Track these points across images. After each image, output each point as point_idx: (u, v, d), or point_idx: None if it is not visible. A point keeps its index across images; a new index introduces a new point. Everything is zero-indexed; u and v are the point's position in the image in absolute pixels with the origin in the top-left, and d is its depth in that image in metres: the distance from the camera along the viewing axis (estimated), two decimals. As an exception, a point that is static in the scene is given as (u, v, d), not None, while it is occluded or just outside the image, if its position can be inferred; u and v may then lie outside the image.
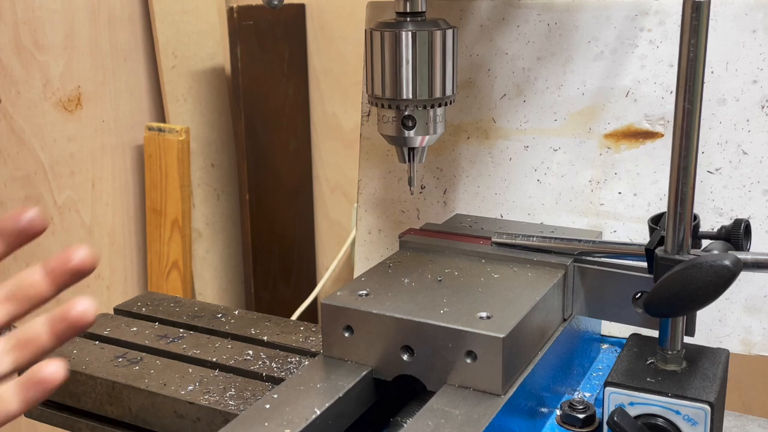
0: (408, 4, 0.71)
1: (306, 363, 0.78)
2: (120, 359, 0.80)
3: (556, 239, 0.77)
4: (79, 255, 0.52)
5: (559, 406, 0.72)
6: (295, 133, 1.79)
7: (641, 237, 0.86)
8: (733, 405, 0.73)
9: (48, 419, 0.81)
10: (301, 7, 1.73)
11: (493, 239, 0.79)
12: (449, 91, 0.72)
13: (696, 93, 0.59)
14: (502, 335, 0.61)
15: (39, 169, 1.37)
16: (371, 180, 1.02)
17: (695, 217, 0.67)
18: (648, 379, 0.64)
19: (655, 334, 0.68)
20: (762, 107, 0.81)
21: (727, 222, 0.68)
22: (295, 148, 1.79)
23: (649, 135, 0.86)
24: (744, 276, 0.60)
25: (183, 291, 1.63)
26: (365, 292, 0.70)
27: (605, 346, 0.87)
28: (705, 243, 0.68)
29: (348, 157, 1.75)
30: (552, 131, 0.90)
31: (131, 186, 1.60)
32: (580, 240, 0.76)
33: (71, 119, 1.42)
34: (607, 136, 0.88)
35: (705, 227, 0.70)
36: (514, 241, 0.78)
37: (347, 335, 0.68)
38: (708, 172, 0.84)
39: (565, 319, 0.75)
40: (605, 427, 0.63)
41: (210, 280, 1.76)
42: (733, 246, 0.66)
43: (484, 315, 0.65)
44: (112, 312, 0.93)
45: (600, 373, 0.81)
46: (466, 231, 0.85)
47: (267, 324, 0.89)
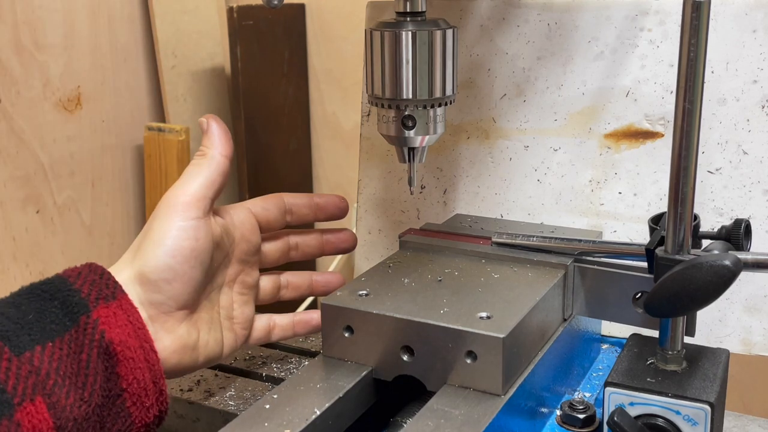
0: (408, 3, 0.71)
1: (306, 363, 0.78)
2: (120, 359, 0.80)
3: (556, 239, 0.77)
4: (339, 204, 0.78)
5: (559, 406, 0.72)
6: (295, 133, 1.79)
7: (641, 237, 0.86)
8: (733, 405, 0.73)
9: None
10: (301, 7, 1.73)
11: (493, 239, 0.79)
12: (449, 91, 0.72)
13: (696, 93, 0.59)
14: (502, 335, 0.61)
15: (39, 169, 1.37)
16: (371, 180, 1.02)
17: (695, 217, 0.66)
18: (648, 379, 0.64)
19: (655, 334, 0.68)
20: (762, 107, 0.81)
21: (728, 222, 0.68)
22: (295, 148, 1.79)
23: (650, 135, 0.86)
24: (744, 276, 0.60)
25: (183, 291, 1.63)
26: (365, 292, 0.70)
27: (605, 346, 0.87)
28: (705, 243, 0.68)
29: (348, 157, 1.75)
30: (552, 131, 0.90)
31: (131, 186, 1.60)
32: (580, 240, 0.76)
33: (71, 119, 1.42)
34: (608, 136, 0.88)
35: (705, 227, 0.70)
36: (514, 241, 0.78)
37: (347, 335, 0.68)
38: (708, 172, 0.84)
39: (565, 319, 0.75)
40: (605, 428, 0.63)
41: (210, 280, 1.76)
42: (734, 246, 0.66)
43: (484, 315, 0.65)
44: (112, 312, 0.92)
45: (600, 373, 0.81)
46: (466, 231, 0.85)
47: (267, 324, 0.89)
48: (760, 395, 1.37)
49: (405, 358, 0.66)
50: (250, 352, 0.82)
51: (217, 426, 0.65)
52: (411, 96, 0.71)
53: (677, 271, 0.59)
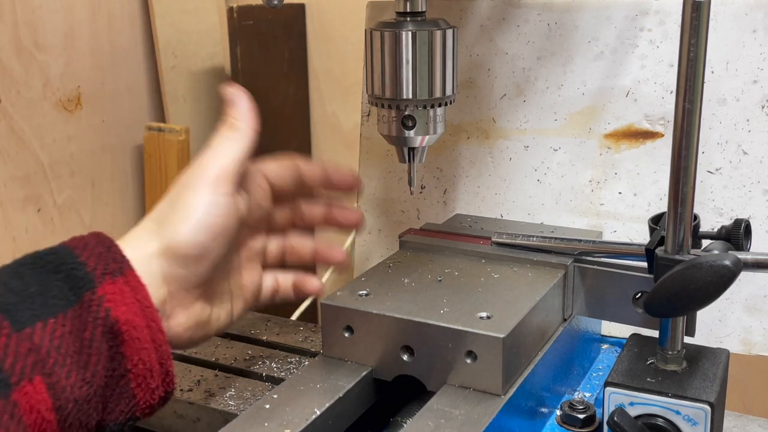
0: (408, 3, 0.71)
1: (306, 363, 0.78)
2: (120, 359, 0.80)
3: (556, 239, 0.77)
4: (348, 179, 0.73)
5: (559, 406, 0.72)
6: (295, 133, 1.79)
7: (641, 237, 0.86)
8: (733, 405, 0.73)
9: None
10: (301, 7, 1.73)
11: (493, 239, 0.79)
12: (449, 91, 0.72)
13: (696, 93, 0.59)
14: (502, 335, 0.61)
15: (39, 169, 1.36)
16: (371, 180, 1.02)
17: (695, 217, 0.66)
18: (648, 379, 0.64)
19: (655, 334, 0.68)
20: (762, 107, 0.81)
21: (727, 222, 0.68)
22: (295, 148, 1.79)
23: (649, 135, 0.86)
24: (744, 276, 0.60)
25: (183, 291, 1.63)
26: (365, 292, 0.70)
27: (605, 346, 0.87)
28: (705, 243, 0.68)
29: (348, 157, 1.75)
30: (552, 131, 0.90)
31: (131, 186, 1.60)
32: (580, 240, 0.76)
33: (71, 119, 1.42)
34: (608, 136, 0.88)
35: (705, 227, 0.70)
36: (514, 241, 0.78)
37: (347, 335, 0.68)
38: (708, 172, 0.84)
39: (565, 319, 0.75)
40: (605, 427, 0.63)
41: (210, 280, 1.76)
42: (734, 246, 0.66)
43: (484, 315, 0.65)
44: (112, 312, 0.92)
45: (600, 373, 0.81)
46: (466, 231, 0.85)
47: (267, 324, 0.89)
48: (760, 395, 1.37)
49: (405, 358, 0.66)
50: (250, 352, 0.82)
51: (218, 426, 0.65)
52: (411, 96, 0.71)
53: (677, 271, 0.59)
